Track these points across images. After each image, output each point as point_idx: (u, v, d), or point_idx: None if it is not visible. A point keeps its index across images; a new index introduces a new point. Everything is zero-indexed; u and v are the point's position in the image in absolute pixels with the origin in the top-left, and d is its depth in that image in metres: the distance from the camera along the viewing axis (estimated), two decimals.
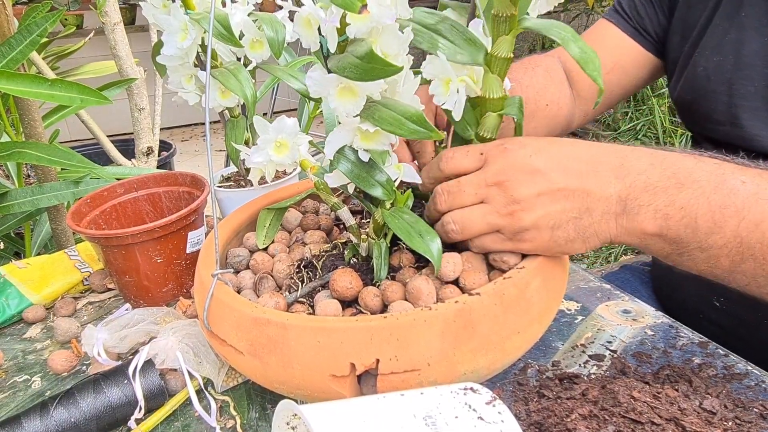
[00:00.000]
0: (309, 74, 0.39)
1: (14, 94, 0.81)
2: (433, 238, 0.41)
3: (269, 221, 0.53)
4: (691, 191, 0.40)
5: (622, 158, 0.42)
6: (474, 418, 0.32)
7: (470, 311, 0.38)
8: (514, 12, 0.39)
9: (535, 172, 0.41)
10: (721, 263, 0.41)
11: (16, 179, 1.09)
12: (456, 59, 0.40)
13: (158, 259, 0.62)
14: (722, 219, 0.39)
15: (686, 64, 0.68)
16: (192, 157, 3.36)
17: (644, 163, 0.41)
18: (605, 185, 0.41)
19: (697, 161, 0.41)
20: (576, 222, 0.41)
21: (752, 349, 0.67)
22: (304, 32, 0.38)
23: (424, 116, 0.37)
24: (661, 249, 0.42)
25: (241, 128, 0.65)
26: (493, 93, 0.42)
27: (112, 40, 1.26)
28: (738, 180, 0.40)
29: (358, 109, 0.38)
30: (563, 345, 0.53)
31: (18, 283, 0.68)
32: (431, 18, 0.41)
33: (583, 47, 0.38)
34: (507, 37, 0.40)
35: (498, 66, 0.41)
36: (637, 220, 0.40)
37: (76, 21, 3.01)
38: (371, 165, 0.42)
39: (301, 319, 0.39)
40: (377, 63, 0.34)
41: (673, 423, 0.38)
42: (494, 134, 0.44)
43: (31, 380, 0.56)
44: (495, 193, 0.42)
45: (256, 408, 0.49)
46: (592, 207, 0.41)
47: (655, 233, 0.40)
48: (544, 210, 0.41)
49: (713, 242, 0.40)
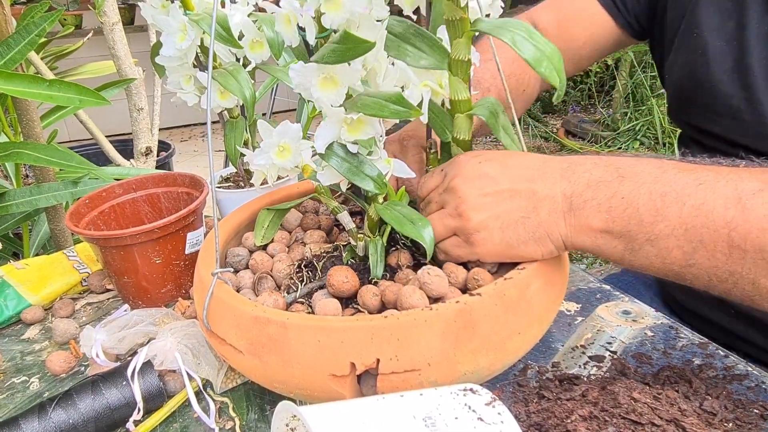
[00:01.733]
0: (291, 66, 0.40)
1: (12, 94, 0.80)
2: (425, 225, 0.42)
3: (268, 221, 0.53)
4: (632, 182, 0.40)
5: (568, 162, 0.43)
6: (474, 419, 0.32)
7: (471, 311, 0.38)
8: (463, 15, 0.40)
9: (483, 176, 0.43)
10: (673, 255, 0.40)
11: (15, 180, 1.09)
12: (420, 64, 0.42)
13: (157, 260, 0.62)
14: (664, 206, 0.39)
15: (682, 44, 0.66)
16: (191, 157, 3.36)
17: (588, 163, 0.43)
18: (551, 185, 0.42)
19: (638, 159, 0.43)
20: (524, 222, 0.42)
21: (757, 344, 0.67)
22: (284, 29, 0.41)
23: (404, 96, 0.38)
24: (614, 248, 0.42)
25: (240, 129, 0.65)
26: (458, 95, 0.43)
27: (110, 40, 1.25)
28: (678, 171, 0.41)
29: (341, 99, 0.40)
30: (563, 346, 0.53)
31: (16, 283, 0.68)
32: (400, 26, 0.43)
33: (537, 44, 0.38)
34: (461, 40, 0.41)
35: (459, 69, 0.42)
36: (583, 216, 0.41)
37: (74, 21, 3.01)
38: (361, 159, 0.43)
39: (302, 318, 0.39)
40: (351, 42, 0.36)
41: (673, 424, 0.38)
42: (467, 135, 0.46)
43: (29, 381, 0.56)
44: (448, 198, 0.44)
45: (255, 409, 0.49)
46: (539, 206, 0.42)
47: (601, 228, 0.41)
48: (491, 210, 0.42)
49: (660, 231, 0.39)
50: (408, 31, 0.43)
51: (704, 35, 0.62)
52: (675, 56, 0.68)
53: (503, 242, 0.42)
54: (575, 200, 0.41)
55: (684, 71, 0.65)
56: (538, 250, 0.42)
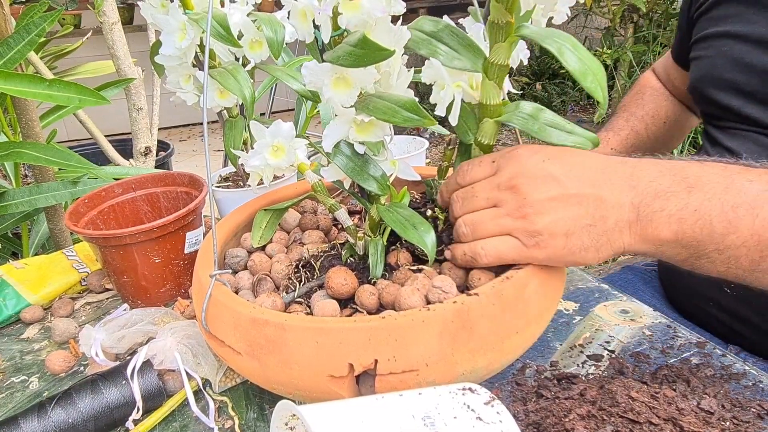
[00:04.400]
0: (305, 65, 0.40)
1: (12, 94, 0.80)
2: (427, 229, 0.41)
3: (265, 223, 0.52)
4: (702, 193, 0.40)
5: (632, 168, 0.42)
6: (472, 419, 0.32)
7: (468, 311, 0.38)
8: (510, 19, 0.38)
9: (548, 177, 0.41)
10: (740, 263, 0.40)
11: (14, 179, 1.09)
12: (453, 65, 0.40)
13: (156, 260, 0.62)
14: (736, 218, 0.39)
15: None
16: (190, 157, 3.36)
17: (653, 171, 0.41)
18: (619, 193, 0.41)
19: (702, 165, 0.42)
20: (590, 229, 0.40)
21: (759, 335, 0.67)
22: (299, 24, 0.39)
23: (417, 103, 0.38)
24: (677, 254, 0.42)
25: (240, 128, 0.65)
26: (490, 99, 0.42)
27: (110, 39, 1.25)
28: (746, 179, 0.40)
29: (352, 100, 0.39)
30: (561, 345, 0.53)
31: (16, 283, 0.68)
32: (431, 25, 0.41)
33: (582, 57, 0.37)
34: (503, 44, 0.40)
35: (495, 73, 0.41)
36: (651, 227, 0.40)
37: (73, 20, 3.01)
38: (366, 159, 0.42)
39: (300, 319, 0.39)
40: (370, 48, 0.35)
41: (671, 423, 0.38)
42: (492, 140, 0.44)
43: (28, 381, 0.56)
44: (508, 197, 0.41)
45: (255, 408, 0.49)
46: (607, 215, 0.40)
47: (670, 239, 0.40)
48: (558, 215, 0.40)
49: (731, 242, 0.40)
50: (441, 30, 0.41)
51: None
52: None
53: (566, 249, 0.41)
54: (643, 210, 0.40)
55: None
56: (596, 256, 0.41)
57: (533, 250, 0.41)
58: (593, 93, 0.36)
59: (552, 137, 0.40)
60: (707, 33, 0.73)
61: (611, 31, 3.20)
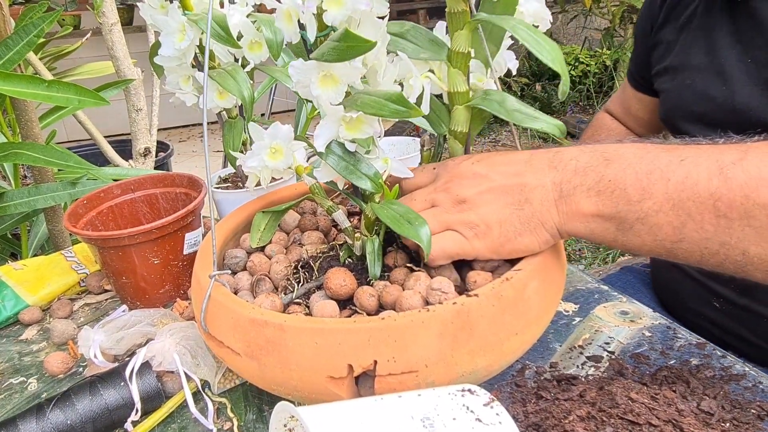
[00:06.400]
0: (291, 64, 0.40)
1: (11, 94, 0.80)
2: (422, 224, 0.42)
3: (264, 224, 0.52)
4: (618, 164, 0.41)
5: (554, 152, 0.44)
6: (472, 420, 0.32)
7: (468, 312, 0.38)
8: (464, 7, 0.41)
9: (476, 175, 0.44)
10: (664, 232, 0.40)
11: (13, 180, 1.09)
12: (419, 57, 0.43)
13: (155, 261, 0.62)
14: (650, 184, 0.40)
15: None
16: (189, 158, 3.36)
17: (574, 151, 0.43)
18: (541, 175, 0.43)
19: (623, 143, 0.43)
20: (519, 214, 0.43)
21: (751, 348, 0.68)
22: (285, 25, 0.41)
23: (404, 96, 0.39)
24: (606, 231, 0.42)
25: (239, 129, 0.64)
26: (457, 87, 0.44)
27: (109, 40, 1.25)
28: (661, 150, 0.41)
29: (340, 97, 0.40)
30: (561, 346, 0.53)
31: (14, 284, 0.68)
32: (397, 27, 0.44)
33: (538, 36, 0.38)
34: (463, 32, 0.42)
35: (458, 61, 0.43)
36: (573, 202, 0.42)
37: (73, 21, 3.01)
38: (358, 158, 0.43)
39: (299, 320, 0.39)
40: (352, 41, 0.36)
41: (670, 424, 0.38)
42: (464, 127, 0.46)
43: (27, 382, 0.56)
44: (442, 197, 0.45)
45: (253, 410, 0.49)
46: (531, 197, 0.43)
47: (592, 212, 0.41)
48: (489, 206, 0.43)
49: (648, 209, 0.40)
50: (406, 30, 0.44)
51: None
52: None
53: (503, 236, 0.42)
54: (564, 187, 0.42)
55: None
56: (534, 240, 0.43)
57: (474, 240, 0.43)
58: (551, 64, 0.38)
59: (518, 120, 0.43)
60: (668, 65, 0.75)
61: (611, 32, 3.21)
